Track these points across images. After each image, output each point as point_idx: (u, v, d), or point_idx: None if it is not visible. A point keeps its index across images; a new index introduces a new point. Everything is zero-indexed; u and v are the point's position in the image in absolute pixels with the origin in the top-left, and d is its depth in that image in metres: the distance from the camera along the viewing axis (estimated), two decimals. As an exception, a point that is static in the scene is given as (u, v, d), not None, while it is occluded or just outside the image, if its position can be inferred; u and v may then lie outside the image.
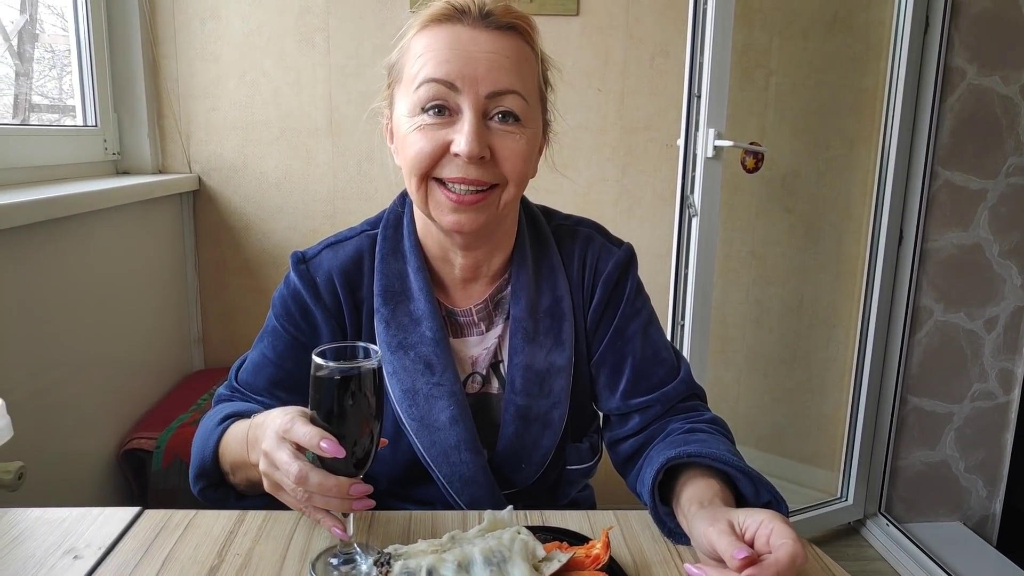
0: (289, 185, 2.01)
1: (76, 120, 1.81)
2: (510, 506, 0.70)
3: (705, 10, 1.63)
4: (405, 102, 0.78)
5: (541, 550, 0.64)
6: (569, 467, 0.92)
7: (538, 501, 0.90)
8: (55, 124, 1.86)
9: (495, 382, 0.89)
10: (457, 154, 0.75)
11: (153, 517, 0.76)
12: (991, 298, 2.11)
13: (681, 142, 1.71)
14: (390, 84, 0.83)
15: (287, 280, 0.88)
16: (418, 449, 0.84)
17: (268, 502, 0.73)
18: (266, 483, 0.69)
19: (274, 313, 0.88)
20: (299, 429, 0.63)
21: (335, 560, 0.68)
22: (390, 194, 0.94)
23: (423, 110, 0.76)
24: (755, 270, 2.26)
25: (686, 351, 1.76)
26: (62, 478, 1.42)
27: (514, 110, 0.77)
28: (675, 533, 0.74)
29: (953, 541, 2.13)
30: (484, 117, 0.76)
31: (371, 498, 0.65)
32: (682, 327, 1.78)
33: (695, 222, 1.71)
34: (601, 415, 0.96)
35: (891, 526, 2.14)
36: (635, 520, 0.78)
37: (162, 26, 1.90)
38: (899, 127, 1.96)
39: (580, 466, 0.92)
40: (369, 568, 0.65)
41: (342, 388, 0.62)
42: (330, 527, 0.66)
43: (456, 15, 0.77)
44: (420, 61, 0.76)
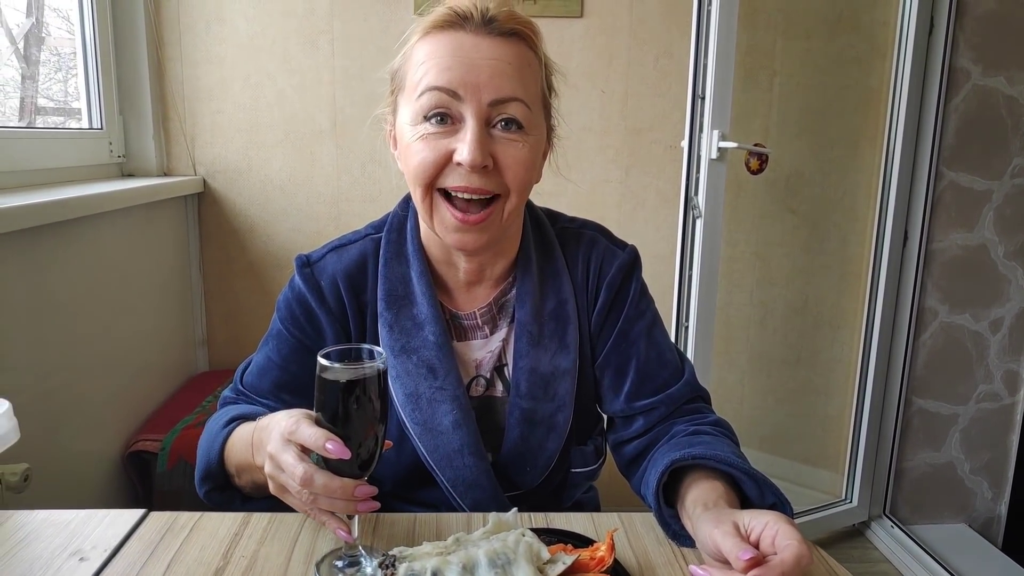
0: (293, 187, 2.01)
1: (81, 123, 1.82)
2: (514, 508, 0.71)
3: (709, 11, 1.63)
4: (408, 110, 0.78)
5: (545, 552, 0.64)
6: (573, 470, 0.91)
7: (542, 503, 0.90)
8: (61, 127, 1.87)
9: (499, 385, 0.89)
10: (460, 163, 0.75)
11: (158, 519, 0.76)
12: (996, 299, 2.10)
13: (685, 143, 1.71)
14: (393, 91, 0.83)
15: (292, 283, 0.88)
16: (422, 453, 0.85)
17: (273, 504, 0.73)
18: (271, 485, 0.69)
19: (279, 316, 0.88)
20: (304, 431, 0.64)
21: (340, 562, 0.68)
22: (394, 196, 0.94)
23: (425, 118, 0.76)
24: (759, 271, 2.25)
25: (690, 352, 1.76)
26: (67, 480, 1.42)
27: (517, 117, 0.76)
28: (680, 535, 0.73)
29: (958, 543, 2.13)
30: (487, 125, 0.76)
31: (375, 500, 0.65)
32: (686, 328, 1.78)
33: (699, 223, 1.71)
34: (605, 417, 0.96)
35: (896, 528, 2.13)
36: (639, 522, 0.78)
37: (167, 29, 1.91)
38: (904, 128, 1.95)
39: (584, 469, 0.92)
40: (374, 570, 0.65)
41: (347, 390, 0.63)
42: (335, 529, 0.66)
43: (459, 21, 0.76)
44: (422, 69, 0.76)
